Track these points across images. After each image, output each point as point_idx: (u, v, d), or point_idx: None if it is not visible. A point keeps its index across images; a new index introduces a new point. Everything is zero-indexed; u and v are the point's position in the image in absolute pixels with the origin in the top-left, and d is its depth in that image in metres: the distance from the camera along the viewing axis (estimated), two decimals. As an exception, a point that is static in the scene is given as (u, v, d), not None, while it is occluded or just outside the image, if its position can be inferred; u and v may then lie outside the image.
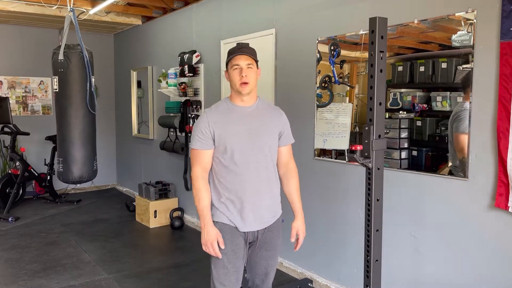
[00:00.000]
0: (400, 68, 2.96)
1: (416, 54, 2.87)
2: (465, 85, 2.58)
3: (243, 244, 2.26)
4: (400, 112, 2.96)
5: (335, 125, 3.43)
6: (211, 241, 2.17)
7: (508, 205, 2.39)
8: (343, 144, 3.38)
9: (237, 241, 2.24)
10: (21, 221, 5.61)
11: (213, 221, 2.23)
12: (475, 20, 2.50)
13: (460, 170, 2.63)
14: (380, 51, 2.11)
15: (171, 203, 5.57)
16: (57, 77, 3.66)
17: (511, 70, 2.34)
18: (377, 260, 2.26)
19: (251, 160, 2.21)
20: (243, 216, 2.23)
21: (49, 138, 6.65)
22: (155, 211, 5.43)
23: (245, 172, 2.20)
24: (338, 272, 3.50)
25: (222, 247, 2.19)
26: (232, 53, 2.19)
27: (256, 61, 2.23)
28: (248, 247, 2.31)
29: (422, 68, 2.82)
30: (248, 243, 2.30)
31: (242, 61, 2.16)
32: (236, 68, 2.17)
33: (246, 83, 2.16)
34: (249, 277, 2.45)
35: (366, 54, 3.14)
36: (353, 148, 2.23)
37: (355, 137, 3.30)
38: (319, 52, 3.53)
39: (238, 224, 2.23)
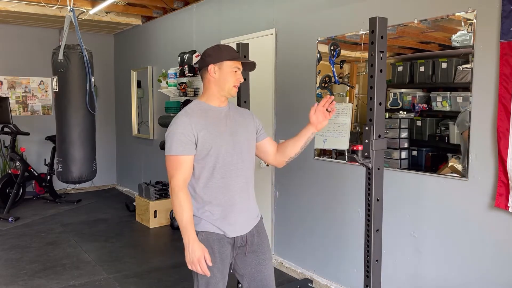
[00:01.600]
0: (400, 68, 2.96)
1: (416, 54, 2.87)
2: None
3: (230, 251, 2.15)
4: (400, 112, 2.96)
5: (335, 125, 3.43)
6: (198, 258, 2.00)
7: (508, 205, 2.39)
8: (343, 144, 3.38)
9: (224, 249, 2.12)
10: (21, 221, 5.61)
11: (198, 231, 2.08)
12: (475, 20, 2.50)
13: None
14: (380, 51, 2.11)
15: (171, 203, 5.56)
16: (56, 77, 3.66)
17: (511, 70, 2.34)
18: (377, 260, 2.26)
19: (234, 161, 2.11)
20: (230, 221, 2.11)
21: (49, 138, 6.65)
22: (155, 211, 5.43)
23: (229, 175, 2.10)
24: (338, 272, 3.50)
25: (210, 264, 2.02)
26: (235, 56, 2.12)
27: None
28: (237, 253, 2.20)
29: (422, 68, 2.82)
30: (236, 248, 2.17)
31: (241, 66, 2.15)
32: (236, 71, 2.11)
33: (237, 86, 2.15)
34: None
35: (366, 54, 3.14)
36: (355, 148, 2.23)
37: (355, 137, 3.30)
38: (319, 52, 3.53)
39: (226, 230, 2.10)
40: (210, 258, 2.05)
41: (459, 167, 2.65)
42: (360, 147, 2.21)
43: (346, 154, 3.37)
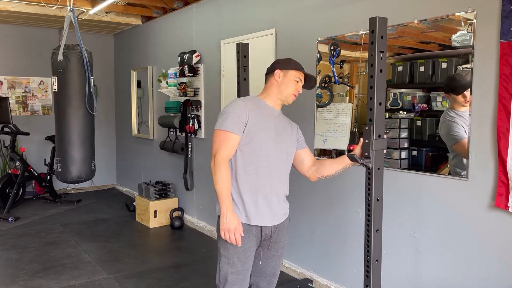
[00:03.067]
0: (400, 68, 2.96)
1: (416, 54, 2.87)
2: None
3: (255, 244, 2.27)
4: (400, 112, 2.96)
5: (335, 125, 3.43)
6: (235, 227, 2.12)
7: (508, 205, 2.39)
8: (343, 144, 3.38)
9: (248, 240, 2.23)
10: (21, 221, 5.61)
11: None
12: (475, 20, 2.50)
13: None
14: (380, 51, 2.10)
15: (171, 203, 5.57)
16: (56, 77, 3.66)
17: (511, 70, 2.34)
18: (377, 260, 2.26)
19: (273, 156, 2.25)
20: (258, 209, 2.23)
21: (49, 138, 6.65)
22: (155, 211, 5.43)
23: (266, 166, 2.24)
24: (338, 272, 3.50)
25: (239, 244, 2.15)
26: (300, 68, 2.33)
27: None
28: (261, 245, 2.31)
29: (422, 68, 2.82)
30: (261, 240, 2.29)
31: (303, 78, 2.34)
32: (298, 81, 2.31)
33: (296, 96, 2.33)
34: (253, 281, 2.43)
35: (366, 54, 3.14)
36: (351, 148, 2.24)
37: (354, 137, 3.30)
38: (319, 52, 3.53)
39: (253, 218, 2.22)
40: (231, 246, 2.19)
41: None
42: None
43: (346, 154, 3.37)
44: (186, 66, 5.07)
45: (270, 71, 2.36)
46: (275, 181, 2.29)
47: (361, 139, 2.19)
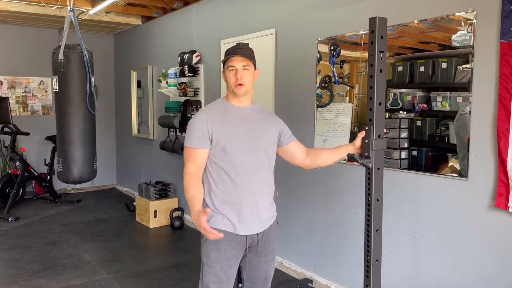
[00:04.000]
0: (400, 68, 2.96)
1: (416, 54, 2.87)
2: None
3: (239, 251, 2.18)
4: (400, 112, 2.96)
5: (335, 125, 3.43)
6: (200, 222, 1.92)
7: (508, 205, 2.39)
8: (343, 144, 3.37)
9: (232, 248, 2.14)
10: (21, 221, 5.61)
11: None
12: (475, 20, 2.50)
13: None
14: (380, 51, 2.10)
15: (171, 203, 5.57)
16: (57, 77, 3.66)
17: (511, 70, 2.34)
18: (377, 260, 2.26)
19: (249, 161, 2.15)
20: (242, 219, 2.14)
21: (49, 138, 6.65)
22: (155, 211, 5.43)
23: (244, 173, 2.14)
24: (338, 272, 3.50)
25: (211, 235, 1.93)
26: (228, 54, 2.16)
27: (254, 62, 2.21)
28: (247, 252, 2.22)
29: (422, 68, 2.82)
30: (247, 247, 2.20)
31: (238, 62, 2.14)
32: (231, 70, 2.14)
33: (241, 84, 2.14)
34: (246, 287, 2.34)
35: (366, 54, 3.14)
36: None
37: (354, 137, 3.30)
38: (319, 52, 3.53)
39: (237, 227, 2.13)
40: (213, 255, 2.11)
41: (459, 167, 2.65)
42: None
43: (346, 154, 3.36)
44: (186, 66, 5.07)
45: None
46: (256, 187, 2.18)
47: (360, 135, 2.13)
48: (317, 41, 3.54)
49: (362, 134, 2.14)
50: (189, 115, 5.17)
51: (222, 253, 2.12)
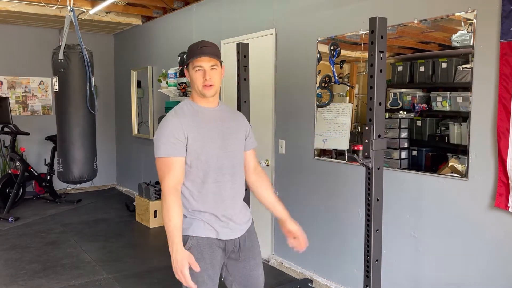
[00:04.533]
0: (400, 68, 2.96)
1: (416, 54, 2.87)
2: (465, 85, 2.57)
3: (220, 256, 2.08)
4: (400, 112, 2.96)
5: (335, 125, 3.43)
6: (181, 268, 1.87)
7: (508, 205, 2.39)
8: (343, 144, 3.38)
9: (215, 254, 2.05)
10: (21, 221, 5.61)
11: (188, 236, 2.00)
12: (475, 20, 2.50)
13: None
14: (380, 51, 2.11)
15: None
16: (57, 77, 3.66)
17: (511, 70, 2.34)
18: (377, 260, 2.26)
19: (225, 165, 2.05)
20: (221, 224, 2.05)
21: (49, 138, 6.65)
22: (155, 211, 5.43)
23: (220, 179, 2.05)
24: (338, 272, 3.50)
25: (197, 269, 1.91)
26: (193, 53, 2.00)
27: (220, 60, 2.06)
28: (229, 258, 2.13)
29: (422, 68, 2.82)
30: (228, 253, 2.10)
31: (206, 62, 1.99)
32: (198, 70, 2.00)
33: (211, 85, 2.01)
34: None
35: (366, 54, 3.14)
36: (356, 148, 2.24)
37: (355, 137, 3.30)
38: (319, 52, 3.53)
39: (218, 233, 2.04)
40: (200, 264, 1.95)
41: (459, 167, 2.65)
42: (361, 147, 2.22)
43: (346, 154, 3.37)
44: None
45: None
46: (233, 191, 2.10)
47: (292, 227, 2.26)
48: (317, 41, 3.54)
49: (295, 228, 2.26)
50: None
51: (208, 262, 2.03)
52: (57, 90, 3.69)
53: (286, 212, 2.27)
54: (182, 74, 5.19)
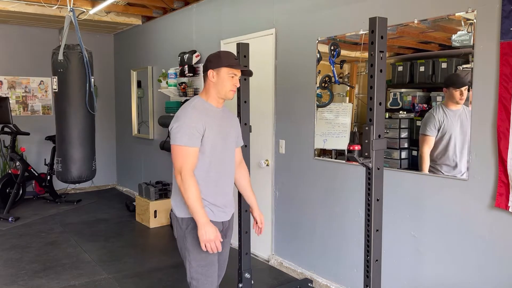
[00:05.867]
0: (400, 68, 2.96)
1: (416, 54, 2.87)
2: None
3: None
4: (400, 112, 2.96)
5: (335, 125, 3.43)
6: (214, 238, 2.19)
7: (508, 205, 2.39)
8: (343, 144, 3.38)
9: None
10: (21, 221, 5.61)
11: (191, 218, 2.27)
12: (475, 20, 2.50)
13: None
14: (380, 51, 2.11)
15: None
16: (56, 77, 3.66)
17: (511, 70, 2.34)
18: (377, 260, 2.26)
19: (226, 159, 2.37)
20: (219, 209, 2.35)
21: (49, 138, 6.65)
22: (155, 211, 5.43)
23: (222, 170, 2.35)
24: (338, 272, 3.50)
25: (221, 240, 2.26)
26: (233, 63, 2.31)
27: None
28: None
29: (422, 68, 2.82)
30: (222, 232, 2.42)
31: (239, 73, 2.35)
32: (233, 77, 2.30)
33: (235, 91, 2.35)
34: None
35: (366, 54, 3.14)
36: (351, 148, 2.24)
37: (355, 137, 3.30)
38: (319, 52, 3.53)
39: (222, 216, 2.37)
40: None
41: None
42: (357, 147, 2.23)
43: (346, 154, 3.37)
44: (186, 66, 5.07)
45: (204, 70, 2.36)
46: (229, 182, 2.42)
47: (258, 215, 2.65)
48: (317, 41, 3.54)
49: (258, 216, 2.62)
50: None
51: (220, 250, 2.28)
52: (56, 90, 3.70)
53: (255, 202, 2.65)
54: (182, 74, 5.19)
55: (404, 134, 2.95)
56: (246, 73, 2.49)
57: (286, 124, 3.93)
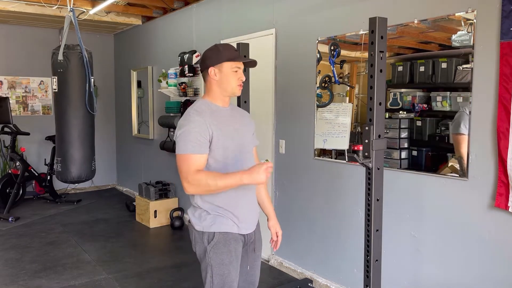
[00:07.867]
0: (400, 68, 2.96)
1: (416, 54, 2.87)
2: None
3: (241, 250, 2.17)
4: (400, 112, 2.96)
5: (335, 125, 3.43)
6: (264, 169, 1.90)
7: (508, 205, 2.39)
8: (343, 144, 3.38)
9: (239, 247, 2.14)
10: (21, 221, 5.61)
11: (214, 233, 2.08)
12: (475, 20, 2.50)
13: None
14: (380, 51, 2.11)
15: (171, 203, 5.57)
16: (56, 77, 3.66)
17: (511, 70, 2.34)
18: (377, 260, 2.26)
19: (241, 162, 2.12)
20: (241, 218, 2.12)
21: (49, 138, 6.65)
22: (155, 211, 5.43)
23: None
24: (338, 272, 3.50)
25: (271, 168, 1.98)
26: (234, 56, 2.09)
27: None
28: (246, 250, 2.23)
29: (422, 68, 2.82)
30: (245, 245, 2.20)
31: (241, 65, 2.13)
32: (237, 70, 2.09)
33: (241, 86, 2.14)
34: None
35: (366, 54, 3.14)
36: (355, 148, 2.23)
37: (355, 137, 3.30)
38: (319, 52, 3.53)
39: (240, 227, 2.12)
40: (226, 257, 2.08)
41: (459, 167, 2.65)
42: (361, 147, 2.22)
43: (346, 154, 3.37)
44: (186, 66, 5.07)
45: (203, 69, 2.11)
46: (249, 187, 2.15)
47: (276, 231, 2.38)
48: (317, 41, 3.54)
49: (275, 228, 2.36)
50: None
51: (233, 254, 2.10)
52: (56, 91, 3.70)
53: (274, 211, 2.41)
54: (182, 74, 5.19)
55: (404, 134, 2.95)
56: (250, 64, 2.18)
57: (286, 124, 3.93)
